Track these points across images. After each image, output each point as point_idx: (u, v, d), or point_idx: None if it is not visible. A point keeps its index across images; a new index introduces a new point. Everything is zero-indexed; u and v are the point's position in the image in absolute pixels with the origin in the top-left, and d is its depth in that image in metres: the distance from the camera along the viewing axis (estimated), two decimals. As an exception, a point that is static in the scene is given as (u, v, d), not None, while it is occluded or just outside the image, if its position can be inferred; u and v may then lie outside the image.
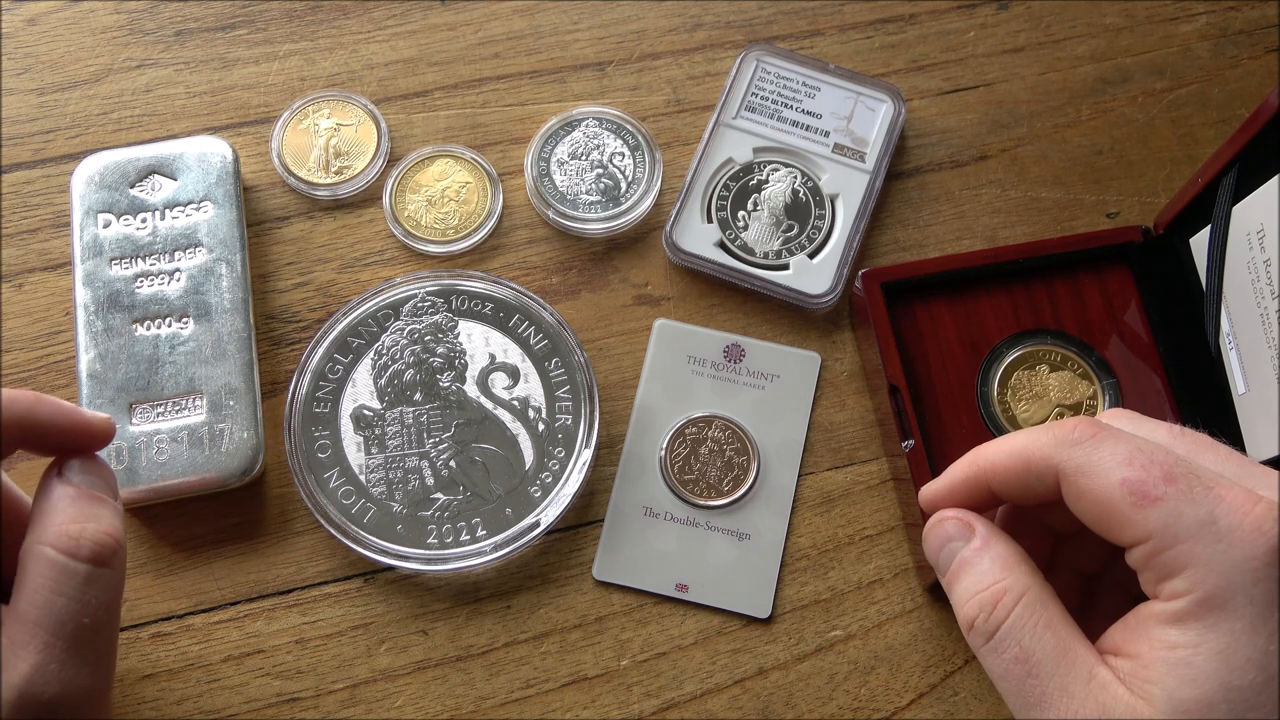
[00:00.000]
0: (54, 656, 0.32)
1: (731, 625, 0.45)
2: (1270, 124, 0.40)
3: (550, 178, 0.51)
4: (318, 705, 0.43)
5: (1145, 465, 0.29)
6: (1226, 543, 0.28)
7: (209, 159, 0.49)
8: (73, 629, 0.32)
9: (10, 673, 0.31)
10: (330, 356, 0.47)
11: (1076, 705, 0.29)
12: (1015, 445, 0.33)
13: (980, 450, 0.34)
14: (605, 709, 0.44)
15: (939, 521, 0.35)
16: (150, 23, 0.53)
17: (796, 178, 0.51)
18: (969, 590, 0.32)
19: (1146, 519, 0.29)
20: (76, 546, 0.33)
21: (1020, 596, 0.31)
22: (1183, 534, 0.28)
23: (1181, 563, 0.28)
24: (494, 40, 0.54)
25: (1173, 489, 0.29)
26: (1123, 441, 0.30)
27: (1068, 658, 0.30)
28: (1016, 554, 0.33)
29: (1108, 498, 0.29)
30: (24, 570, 0.33)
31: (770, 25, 0.54)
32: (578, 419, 0.47)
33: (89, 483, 0.35)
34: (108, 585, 0.33)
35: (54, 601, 0.32)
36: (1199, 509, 0.28)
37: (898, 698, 0.44)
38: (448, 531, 0.45)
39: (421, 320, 0.48)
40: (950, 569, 0.34)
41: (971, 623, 0.32)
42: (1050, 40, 0.55)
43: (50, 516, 0.33)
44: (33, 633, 0.32)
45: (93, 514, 0.34)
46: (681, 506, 0.46)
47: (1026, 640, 0.30)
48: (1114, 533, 0.30)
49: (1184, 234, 0.47)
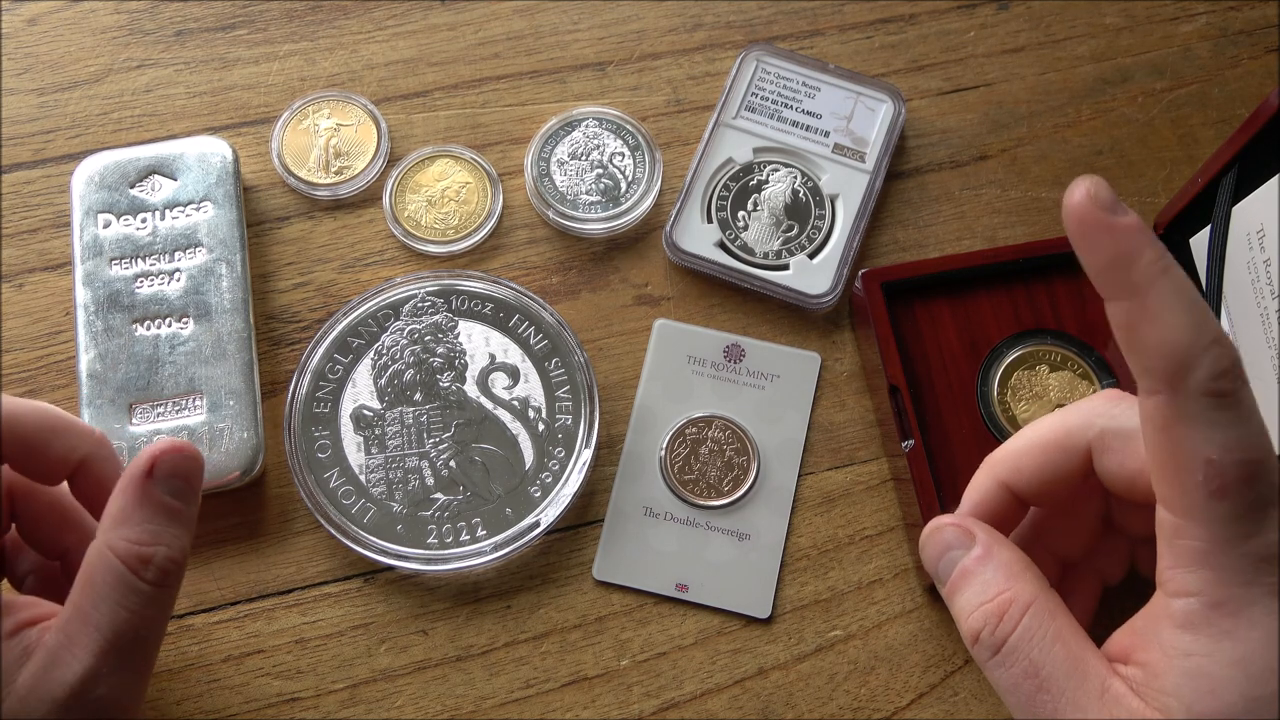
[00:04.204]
0: (107, 662, 0.32)
1: (731, 625, 0.45)
2: (1270, 124, 0.40)
3: (550, 178, 0.51)
4: (318, 705, 0.43)
5: (1241, 460, 0.26)
6: (1254, 558, 0.27)
7: (209, 159, 0.49)
8: (129, 639, 0.33)
9: (65, 670, 0.32)
10: (330, 356, 0.47)
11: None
12: (1039, 427, 0.32)
13: (992, 455, 0.34)
14: (605, 709, 0.44)
15: (936, 529, 0.33)
16: (150, 23, 0.53)
17: (796, 178, 0.51)
18: (972, 602, 0.31)
19: (1207, 507, 0.27)
20: (144, 568, 0.33)
21: (1027, 607, 0.30)
22: (1221, 534, 0.27)
23: (1202, 561, 0.27)
24: (494, 40, 0.54)
25: (1243, 494, 0.26)
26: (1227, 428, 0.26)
27: (1079, 671, 0.29)
28: (1021, 561, 0.31)
29: (1181, 466, 0.27)
30: (90, 570, 0.33)
31: (770, 25, 0.54)
32: (578, 419, 0.47)
33: (173, 488, 0.35)
34: (165, 604, 0.34)
35: (116, 612, 0.33)
36: (1248, 523, 0.26)
37: (898, 698, 0.44)
38: (448, 531, 0.45)
39: (421, 320, 0.48)
40: (951, 579, 0.32)
41: (977, 636, 0.31)
42: (1050, 40, 0.55)
43: (125, 525, 0.34)
44: (92, 636, 0.32)
45: (165, 534, 0.34)
46: (681, 506, 0.46)
47: (1036, 653, 0.29)
48: (1164, 494, 0.28)
49: (1184, 234, 0.47)
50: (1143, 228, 0.26)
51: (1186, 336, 0.26)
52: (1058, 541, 0.35)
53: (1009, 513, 0.34)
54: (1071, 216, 0.26)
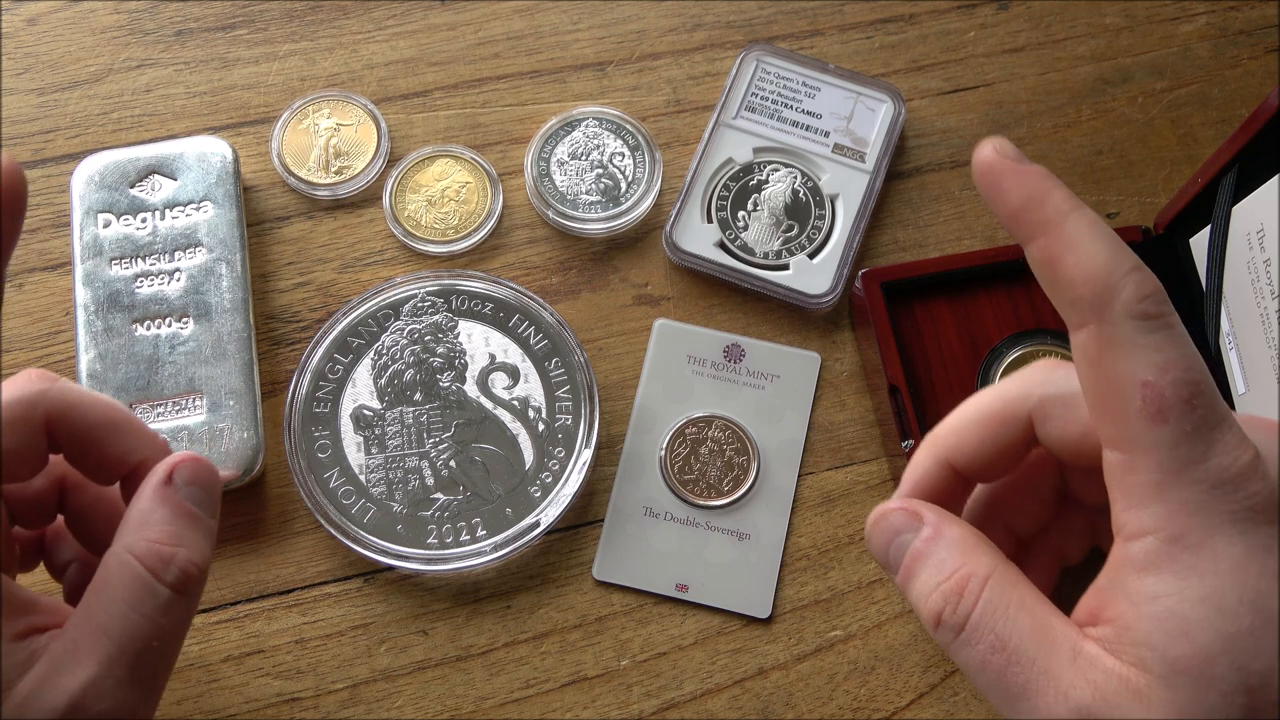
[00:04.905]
0: (113, 673, 0.30)
1: (731, 625, 0.45)
2: (1270, 124, 0.40)
3: (550, 178, 0.51)
4: (318, 705, 0.43)
5: (1177, 379, 0.25)
6: (1208, 484, 0.25)
7: (209, 159, 0.49)
8: (140, 649, 0.31)
9: (67, 678, 0.30)
10: (330, 356, 0.47)
11: (1066, 688, 0.26)
12: (977, 401, 0.31)
13: (932, 433, 0.32)
14: (605, 709, 0.44)
15: (881, 516, 0.31)
16: (150, 23, 0.53)
17: (796, 178, 0.51)
18: (929, 584, 0.29)
19: (1149, 434, 0.25)
20: (164, 569, 0.31)
21: (986, 580, 0.28)
22: (1170, 461, 0.25)
23: (1154, 494, 0.25)
24: (494, 40, 0.54)
25: (1186, 415, 0.25)
26: (1159, 349, 0.26)
27: (1048, 638, 0.27)
28: (974, 536, 0.30)
29: (1117, 396, 0.26)
30: (106, 574, 0.31)
31: (770, 25, 0.54)
32: (578, 419, 0.47)
33: (194, 496, 0.33)
34: (183, 612, 0.32)
35: (129, 617, 0.31)
36: (1197, 446, 0.25)
37: (898, 698, 0.44)
38: (448, 531, 0.45)
39: (421, 320, 0.48)
40: (904, 565, 0.30)
41: (938, 618, 0.29)
42: (1050, 40, 0.55)
43: (145, 527, 0.32)
44: (99, 642, 0.30)
45: (187, 537, 0.32)
46: (681, 506, 0.46)
47: (1001, 626, 0.28)
48: (1106, 433, 0.27)
49: (1184, 234, 0.47)
50: (1050, 175, 0.27)
51: (1107, 262, 0.26)
52: (1013, 518, 0.34)
53: (952, 491, 0.32)
54: (981, 168, 0.27)
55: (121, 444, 0.34)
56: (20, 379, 0.33)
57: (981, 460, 0.31)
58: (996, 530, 0.34)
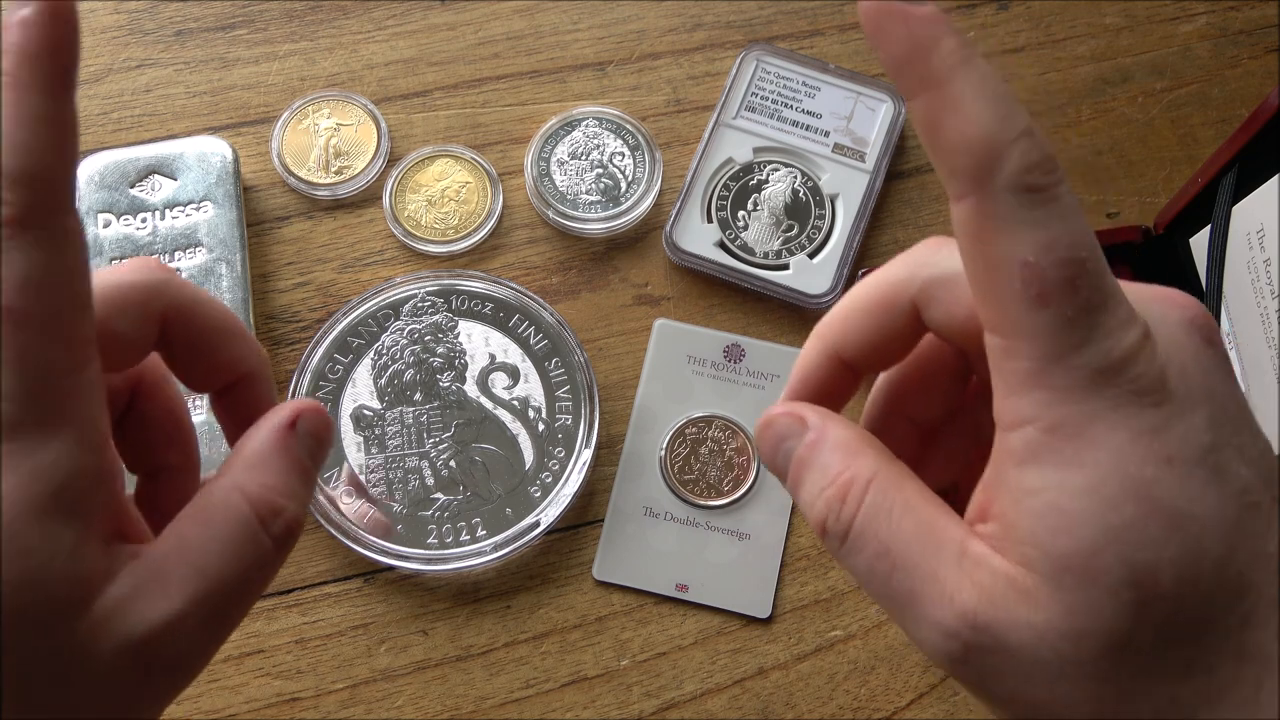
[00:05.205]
0: (197, 613, 0.27)
1: (731, 625, 0.45)
2: (1270, 124, 0.40)
3: (550, 178, 0.51)
4: (318, 705, 0.43)
5: (1061, 259, 0.23)
6: (1089, 370, 0.23)
7: (209, 159, 0.49)
8: (228, 595, 0.28)
9: (149, 607, 0.26)
10: (330, 356, 0.47)
11: (951, 591, 0.24)
12: (863, 287, 0.29)
13: (820, 323, 0.30)
14: (605, 709, 0.44)
15: (767, 423, 0.29)
16: (150, 23, 0.53)
17: (796, 178, 0.51)
18: (814, 490, 0.28)
19: (1028, 318, 0.23)
20: (272, 520, 0.29)
21: (868, 483, 0.27)
22: (1049, 347, 0.23)
23: (1033, 381, 0.24)
24: (494, 40, 0.54)
25: (1067, 298, 0.23)
26: (1043, 226, 0.23)
27: (934, 539, 0.25)
28: (858, 437, 0.28)
29: (997, 276, 0.24)
30: (208, 507, 0.28)
31: (770, 25, 0.54)
32: (578, 419, 0.47)
33: (310, 449, 0.31)
34: (271, 571, 0.30)
35: (227, 559, 0.27)
36: (1079, 330, 0.23)
37: (898, 698, 0.44)
38: (448, 531, 0.45)
39: (421, 320, 0.48)
40: (790, 472, 0.29)
41: (823, 526, 0.27)
42: (1050, 40, 0.55)
43: (260, 470, 0.29)
44: (191, 578, 0.27)
45: (298, 492, 0.30)
46: (681, 506, 0.46)
47: (884, 531, 0.26)
48: (986, 315, 0.25)
49: (1184, 234, 0.47)
50: (942, 18, 0.23)
51: (991, 127, 0.23)
52: (914, 408, 0.32)
53: (841, 384, 0.31)
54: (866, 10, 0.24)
55: (233, 351, 0.31)
56: (139, 265, 0.30)
57: (868, 349, 0.29)
58: (899, 422, 0.32)
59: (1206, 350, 0.25)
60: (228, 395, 0.32)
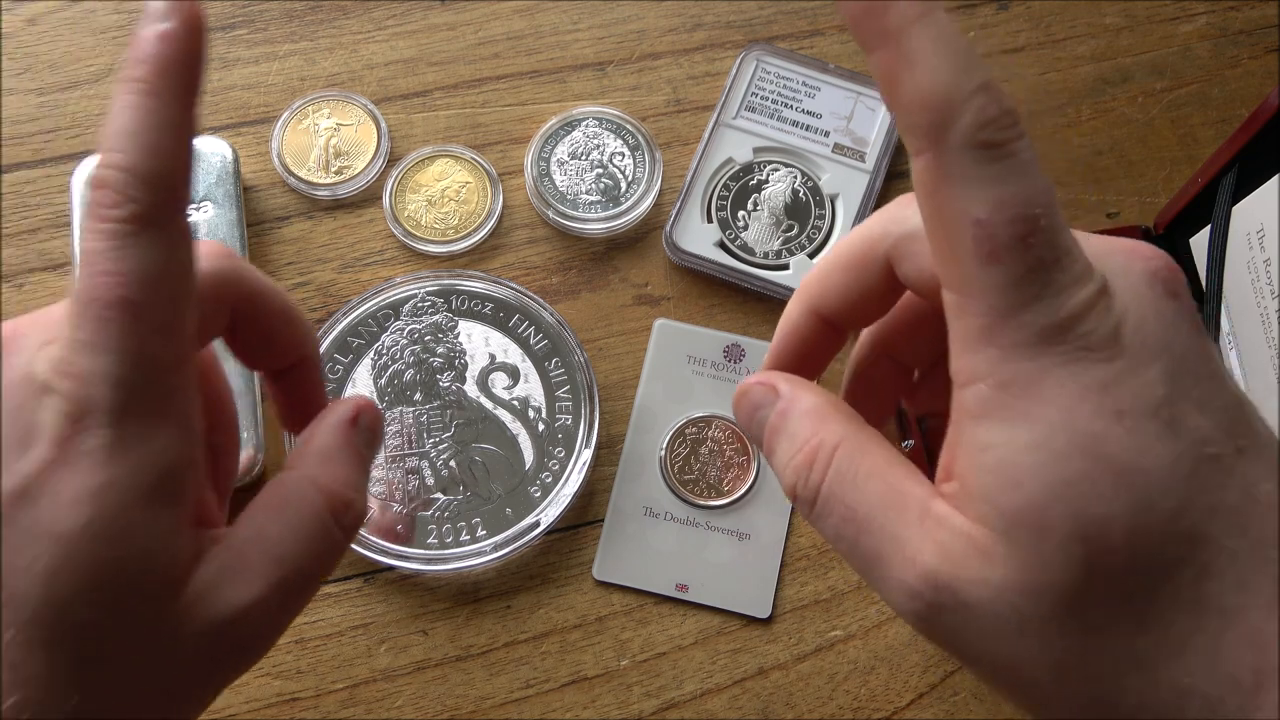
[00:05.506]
0: (275, 600, 0.28)
1: (731, 625, 0.45)
2: (1270, 124, 0.40)
3: (550, 178, 0.51)
4: (318, 705, 0.43)
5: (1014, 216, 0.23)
6: (1039, 326, 0.23)
7: (209, 159, 0.49)
8: (301, 584, 0.29)
9: (233, 592, 0.27)
10: (330, 356, 0.47)
11: (913, 551, 0.25)
12: (842, 244, 0.29)
13: (803, 281, 0.31)
14: (605, 709, 0.44)
15: (742, 393, 0.30)
16: (150, 23, 0.53)
17: (796, 178, 0.51)
18: (785, 457, 0.28)
19: (981, 275, 0.23)
20: (344, 515, 0.30)
21: (835, 449, 0.27)
22: (1000, 303, 0.23)
23: (985, 338, 0.24)
24: (494, 40, 0.54)
25: (1019, 256, 0.23)
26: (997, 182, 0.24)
27: (898, 501, 0.25)
28: (827, 403, 0.28)
29: (951, 233, 0.24)
30: (283, 497, 0.29)
31: (770, 25, 0.54)
32: (578, 419, 0.47)
33: (369, 444, 0.32)
34: (340, 556, 0.31)
35: (302, 549, 0.29)
36: (1030, 287, 0.23)
37: (898, 698, 0.44)
38: (448, 531, 0.45)
39: (421, 320, 0.48)
40: (764, 440, 0.29)
41: (793, 491, 0.28)
42: (1050, 40, 0.55)
43: (331, 463, 0.30)
44: (270, 566, 0.28)
45: (362, 485, 0.31)
46: (681, 506, 0.46)
47: (850, 496, 0.26)
48: (943, 271, 0.25)
49: (1184, 234, 0.47)
50: None
51: (947, 82, 0.23)
52: (903, 354, 0.32)
53: (824, 341, 0.31)
54: None
55: (293, 335, 0.32)
56: (212, 252, 0.30)
57: (847, 306, 0.29)
58: (886, 366, 0.32)
59: (1168, 302, 0.24)
60: (285, 377, 0.33)
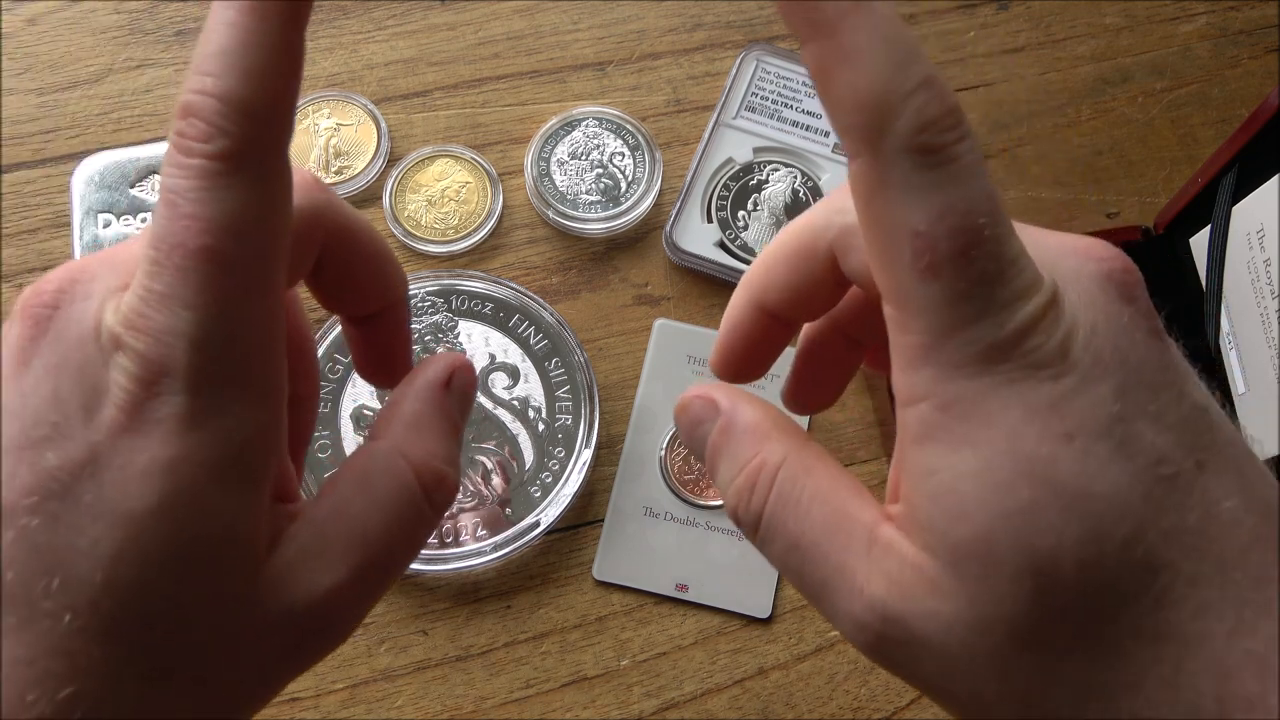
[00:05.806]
0: (358, 583, 0.25)
1: (731, 625, 0.45)
2: (1270, 124, 0.40)
3: (550, 178, 0.51)
4: (318, 705, 0.43)
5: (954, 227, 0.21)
6: (981, 345, 0.21)
7: (209, 159, 0.48)
8: (388, 566, 0.26)
9: (316, 575, 0.24)
10: (330, 356, 0.47)
11: (861, 581, 0.23)
12: (785, 234, 0.27)
13: (746, 272, 0.29)
14: (605, 709, 0.44)
15: (682, 409, 0.28)
16: (150, 23, 0.53)
17: (796, 178, 0.51)
18: (726, 478, 0.26)
19: (919, 291, 0.22)
20: (436, 489, 0.27)
21: (776, 470, 0.25)
22: (940, 321, 0.21)
23: (925, 357, 0.22)
24: (494, 40, 0.54)
25: (960, 270, 0.21)
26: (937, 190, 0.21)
27: (843, 528, 0.24)
28: (767, 419, 0.26)
29: (889, 245, 0.22)
30: (369, 471, 0.27)
31: (770, 25, 0.54)
32: (578, 419, 0.47)
33: (462, 410, 0.29)
34: (429, 535, 0.28)
35: (390, 528, 0.26)
36: (973, 303, 0.21)
37: (897, 698, 0.44)
38: (448, 531, 0.45)
39: (421, 320, 0.48)
40: (707, 459, 0.27)
41: (735, 516, 0.26)
42: (1050, 40, 0.55)
43: (422, 433, 0.27)
44: (355, 547, 0.25)
45: (455, 457, 0.28)
46: (681, 506, 0.46)
47: (793, 522, 0.24)
48: (881, 283, 0.23)
49: (1184, 234, 0.47)
50: None
51: (884, 79, 0.21)
52: (858, 331, 0.30)
53: (770, 334, 0.29)
54: None
55: (385, 279, 0.29)
56: (301, 183, 0.26)
57: (790, 299, 0.28)
58: (839, 340, 0.30)
59: (1122, 308, 0.23)
60: (369, 323, 0.30)
